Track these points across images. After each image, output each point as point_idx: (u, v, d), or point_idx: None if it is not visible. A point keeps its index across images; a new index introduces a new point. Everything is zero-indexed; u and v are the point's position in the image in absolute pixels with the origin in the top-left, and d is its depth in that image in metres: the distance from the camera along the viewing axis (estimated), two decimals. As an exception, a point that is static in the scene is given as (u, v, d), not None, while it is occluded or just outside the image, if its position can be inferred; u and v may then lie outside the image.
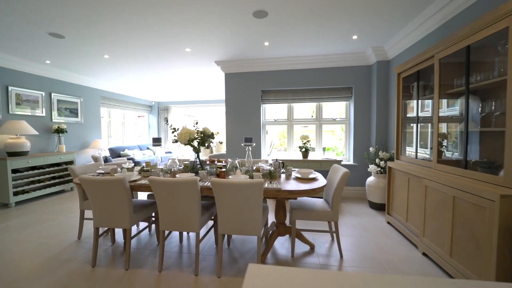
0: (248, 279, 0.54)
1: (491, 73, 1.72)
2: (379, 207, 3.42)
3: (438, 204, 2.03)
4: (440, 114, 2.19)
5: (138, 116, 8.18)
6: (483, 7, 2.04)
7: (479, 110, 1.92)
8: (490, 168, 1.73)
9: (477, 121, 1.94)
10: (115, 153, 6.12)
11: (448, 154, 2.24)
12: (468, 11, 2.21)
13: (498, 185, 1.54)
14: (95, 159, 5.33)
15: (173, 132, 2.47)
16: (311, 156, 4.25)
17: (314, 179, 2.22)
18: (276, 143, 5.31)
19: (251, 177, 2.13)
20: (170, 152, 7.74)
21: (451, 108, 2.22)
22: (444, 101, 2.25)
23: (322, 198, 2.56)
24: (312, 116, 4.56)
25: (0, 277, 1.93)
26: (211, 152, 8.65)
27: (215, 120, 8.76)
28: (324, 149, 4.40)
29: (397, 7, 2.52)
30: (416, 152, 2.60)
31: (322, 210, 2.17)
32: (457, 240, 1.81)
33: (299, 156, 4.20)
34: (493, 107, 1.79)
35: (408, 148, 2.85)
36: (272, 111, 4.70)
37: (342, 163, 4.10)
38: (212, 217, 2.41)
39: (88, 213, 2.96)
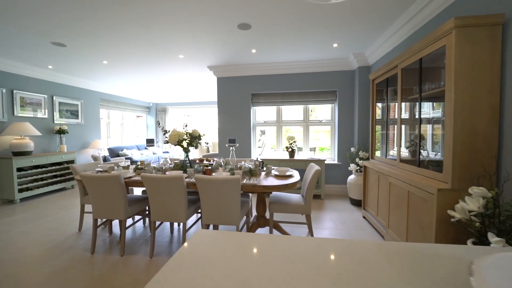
0: (191, 238, 0.79)
1: (439, 83, 1.98)
2: (358, 203, 3.67)
3: (398, 198, 2.29)
4: (424, 116, 2.39)
5: (137, 116, 8.44)
6: (440, 22, 2.29)
7: (431, 114, 2.17)
8: (438, 166, 1.98)
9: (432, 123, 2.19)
10: (114, 153, 6.38)
11: (408, 154, 2.49)
12: (429, 25, 2.46)
13: (440, 181, 1.80)
14: (95, 158, 5.59)
15: (164, 134, 2.73)
16: (298, 155, 4.50)
17: (290, 176, 2.47)
18: (274, 143, 5.54)
19: (233, 174, 2.38)
20: (167, 152, 8.00)
21: (437, 111, 2.40)
22: (428, 104, 2.44)
23: (300, 194, 2.81)
24: (315, 118, 4.81)
25: (10, 261, 2.19)
26: (208, 151, 8.92)
27: (211, 121, 9.01)
28: (314, 148, 4.69)
29: (370, 18, 2.77)
30: (386, 152, 2.86)
31: (296, 204, 2.43)
32: (411, 230, 2.07)
33: (289, 155, 4.44)
34: (441, 112, 2.04)
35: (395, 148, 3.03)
36: (262, 113, 4.95)
37: (327, 162, 4.36)
38: (199, 210, 2.66)
39: (88, 207, 3.22)
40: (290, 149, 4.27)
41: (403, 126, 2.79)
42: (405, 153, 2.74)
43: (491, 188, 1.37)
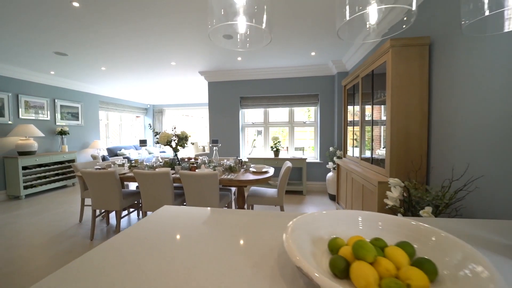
0: (157, 211, 1.12)
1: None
2: (335, 198, 4.00)
3: (357, 191, 2.62)
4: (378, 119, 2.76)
5: (136, 117, 8.77)
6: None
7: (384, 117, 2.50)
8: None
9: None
10: (113, 152, 6.71)
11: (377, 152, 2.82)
12: (388, 37, 2.79)
13: (382, 175, 2.13)
14: (94, 157, 5.93)
15: (155, 135, 3.07)
16: (288, 154, 4.85)
17: (265, 172, 2.81)
18: (262, 143, 5.89)
19: (214, 171, 2.72)
20: (163, 152, 8.34)
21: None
22: (383, 107, 2.80)
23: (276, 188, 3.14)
24: (307, 119, 5.15)
25: (20, 246, 2.53)
26: (203, 150, 9.26)
27: (206, 122, 9.34)
28: (303, 148, 5.04)
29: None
30: (353, 151, 3.19)
31: (271, 196, 2.76)
32: (365, 217, 2.40)
33: (274, 154, 4.78)
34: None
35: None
36: (251, 115, 5.28)
37: (310, 161, 4.69)
38: (184, 203, 3.00)
39: (88, 201, 3.56)
40: (275, 149, 4.61)
41: (371, 128, 3.13)
42: (382, 151, 3.08)
43: (419, 180, 1.71)
